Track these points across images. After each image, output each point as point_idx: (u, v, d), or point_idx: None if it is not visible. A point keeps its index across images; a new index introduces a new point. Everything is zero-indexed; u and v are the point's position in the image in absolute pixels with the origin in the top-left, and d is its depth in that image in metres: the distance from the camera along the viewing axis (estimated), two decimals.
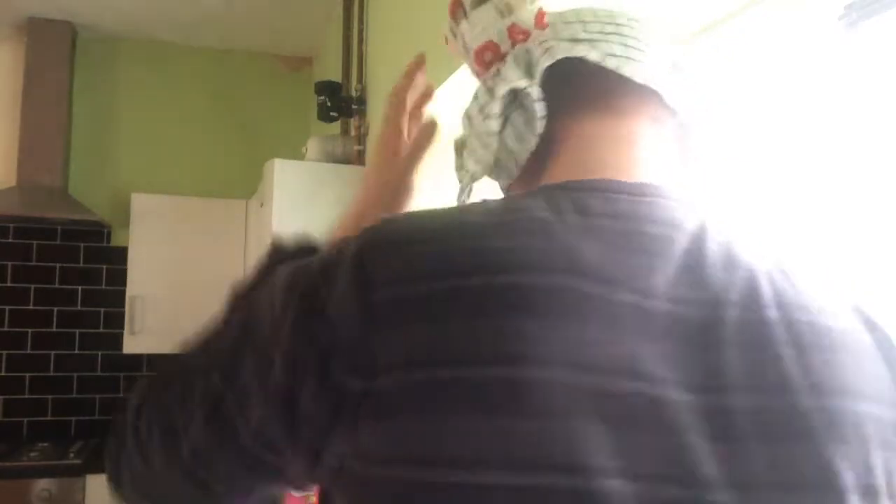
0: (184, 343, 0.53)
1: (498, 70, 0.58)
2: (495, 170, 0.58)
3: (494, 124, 0.56)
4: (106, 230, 3.55)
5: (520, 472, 0.38)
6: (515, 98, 0.56)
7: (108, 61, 3.66)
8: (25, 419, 3.42)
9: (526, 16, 0.58)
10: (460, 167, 0.61)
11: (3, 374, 3.42)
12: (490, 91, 0.57)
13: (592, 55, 0.54)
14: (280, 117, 3.81)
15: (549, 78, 0.55)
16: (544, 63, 0.54)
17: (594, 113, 0.56)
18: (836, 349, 0.46)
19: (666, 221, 0.48)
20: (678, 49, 0.59)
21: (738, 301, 0.46)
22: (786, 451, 0.42)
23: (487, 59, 0.59)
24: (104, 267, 3.56)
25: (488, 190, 0.59)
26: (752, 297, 0.46)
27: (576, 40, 0.55)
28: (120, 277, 3.39)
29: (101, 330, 3.52)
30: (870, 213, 1.03)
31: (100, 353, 3.52)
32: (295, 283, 0.46)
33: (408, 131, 0.69)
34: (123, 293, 3.33)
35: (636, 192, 0.50)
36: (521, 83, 0.55)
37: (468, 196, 0.59)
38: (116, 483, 0.55)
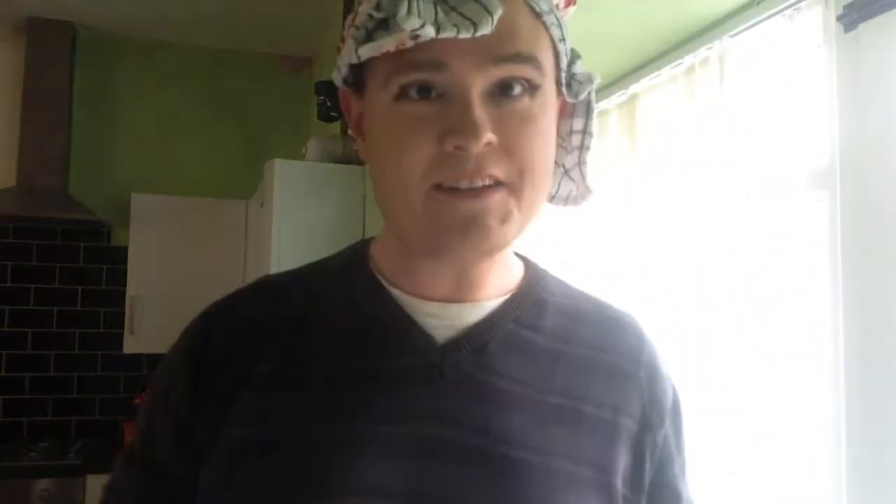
0: None
1: None
2: None
3: None
4: (106, 230, 3.55)
5: None
6: None
7: (108, 61, 3.66)
8: (25, 419, 3.42)
9: None
10: None
11: (3, 374, 3.42)
12: None
13: None
14: (280, 117, 3.81)
15: None
16: None
17: None
18: None
19: None
20: None
21: None
22: None
23: None
24: (104, 267, 3.56)
25: None
26: None
27: None
28: (120, 277, 3.39)
29: (101, 330, 3.52)
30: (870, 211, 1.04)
31: (100, 353, 3.52)
32: None
33: None
34: (123, 293, 3.33)
35: None
36: None
37: None
38: None
